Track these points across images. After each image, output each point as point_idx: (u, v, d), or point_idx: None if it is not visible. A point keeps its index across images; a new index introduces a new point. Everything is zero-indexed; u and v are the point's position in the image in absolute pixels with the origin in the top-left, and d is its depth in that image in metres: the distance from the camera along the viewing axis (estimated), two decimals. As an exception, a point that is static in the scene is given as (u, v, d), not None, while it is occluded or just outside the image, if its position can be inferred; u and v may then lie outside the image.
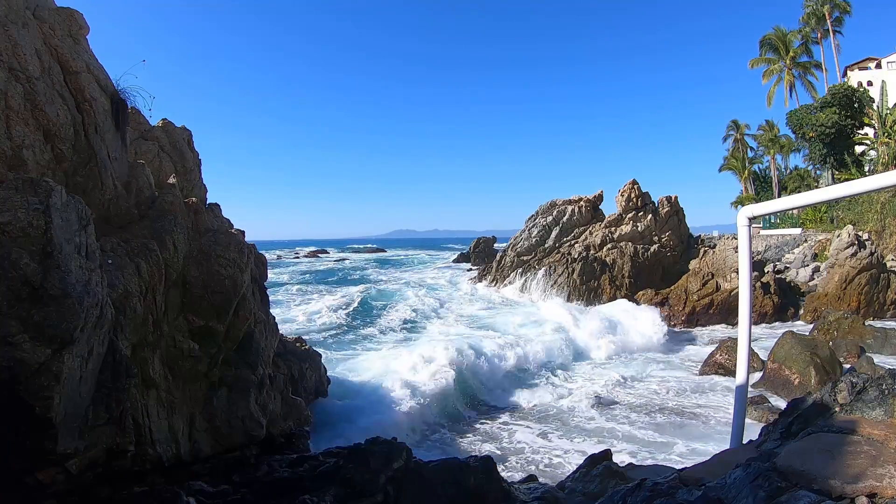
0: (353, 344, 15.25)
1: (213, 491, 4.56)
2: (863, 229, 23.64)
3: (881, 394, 2.50)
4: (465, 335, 15.41)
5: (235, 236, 6.30)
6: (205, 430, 5.67)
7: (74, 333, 3.15)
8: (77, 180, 4.51)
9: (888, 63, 46.71)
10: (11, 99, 3.82)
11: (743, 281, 3.71)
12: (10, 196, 3.09)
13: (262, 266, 8.58)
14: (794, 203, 3.99)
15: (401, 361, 11.49)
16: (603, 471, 4.30)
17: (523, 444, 8.24)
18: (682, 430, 8.67)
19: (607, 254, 24.55)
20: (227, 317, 5.90)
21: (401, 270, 40.71)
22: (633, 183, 26.52)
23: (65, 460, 3.29)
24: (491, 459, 4.70)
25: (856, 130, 33.86)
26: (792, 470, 2.12)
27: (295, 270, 42.86)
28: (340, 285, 30.86)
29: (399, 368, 11.03)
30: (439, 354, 11.64)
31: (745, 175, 45.34)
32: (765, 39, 41.37)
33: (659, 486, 2.65)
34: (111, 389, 3.80)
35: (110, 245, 4.58)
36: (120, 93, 5.37)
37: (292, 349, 10.27)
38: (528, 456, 7.84)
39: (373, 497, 4.33)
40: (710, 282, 22.30)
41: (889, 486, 1.87)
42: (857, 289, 19.82)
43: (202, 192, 8.05)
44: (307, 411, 8.10)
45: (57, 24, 4.62)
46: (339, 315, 19.78)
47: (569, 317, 17.69)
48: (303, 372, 9.91)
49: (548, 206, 27.92)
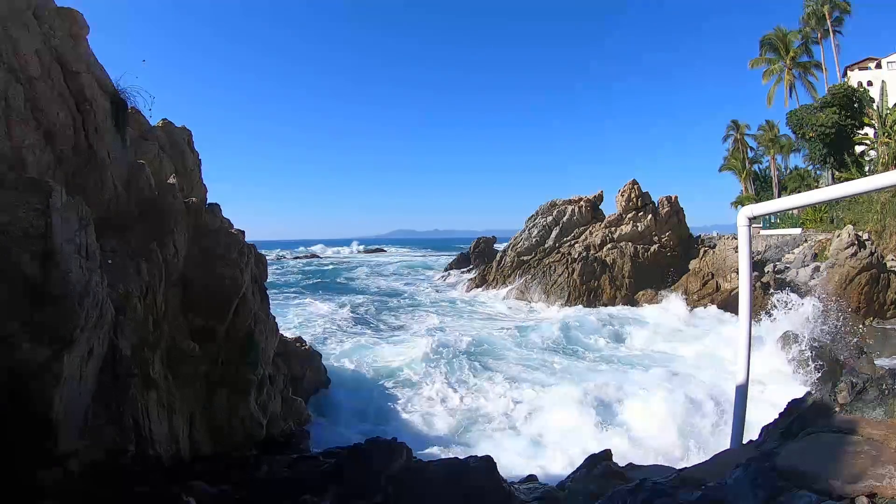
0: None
1: (213, 491, 4.56)
2: (863, 229, 23.63)
3: (881, 394, 2.50)
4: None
5: (235, 236, 6.30)
6: (205, 430, 5.67)
7: (74, 333, 3.15)
8: (77, 181, 4.52)
9: (888, 63, 46.71)
10: (12, 99, 3.83)
11: (743, 281, 3.71)
12: (11, 196, 3.09)
13: (262, 266, 8.58)
14: (794, 203, 3.99)
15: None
16: (603, 471, 4.30)
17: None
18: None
19: (607, 254, 24.56)
20: (227, 317, 5.90)
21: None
22: (633, 183, 26.53)
23: (65, 460, 3.29)
24: (491, 459, 4.70)
25: (856, 130, 33.86)
26: (792, 470, 2.12)
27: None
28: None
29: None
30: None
31: (745, 175, 45.35)
32: (765, 39, 41.38)
33: (659, 486, 2.65)
34: (111, 389, 3.80)
35: (110, 245, 4.58)
36: (120, 93, 5.38)
37: (292, 349, 10.27)
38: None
39: (373, 497, 4.33)
40: (710, 282, 22.32)
41: (889, 486, 1.87)
42: (857, 289, 19.81)
43: (202, 192, 8.06)
44: (307, 411, 8.11)
45: (57, 24, 4.63)
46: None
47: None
48: (303, 372, 9.92)
49: (548, 207, 27.93)
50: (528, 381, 11.41)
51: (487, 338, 15.52)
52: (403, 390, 10.88)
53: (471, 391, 10.88)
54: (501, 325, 18.38)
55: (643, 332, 16.81)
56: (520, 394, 10.54)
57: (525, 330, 16.85)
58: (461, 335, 15.10)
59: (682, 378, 10.95)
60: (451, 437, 8.34)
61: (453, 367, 12.46)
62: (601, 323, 17.91)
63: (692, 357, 13.75)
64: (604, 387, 10.12)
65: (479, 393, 10.73)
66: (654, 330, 17.19)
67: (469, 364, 12.58)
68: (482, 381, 11.52)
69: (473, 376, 11.79)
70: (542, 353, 14.30)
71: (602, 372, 12.27)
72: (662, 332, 16.88)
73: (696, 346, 14.70)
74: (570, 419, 8.70)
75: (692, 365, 12.79)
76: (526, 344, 15.19)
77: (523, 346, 15.01)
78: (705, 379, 10.74)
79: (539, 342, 15.30)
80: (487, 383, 11.37)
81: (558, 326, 16.59)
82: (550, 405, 9.46)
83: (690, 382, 10.46)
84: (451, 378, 11.68)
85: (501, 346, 14.73)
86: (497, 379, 11.63)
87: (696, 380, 10.73)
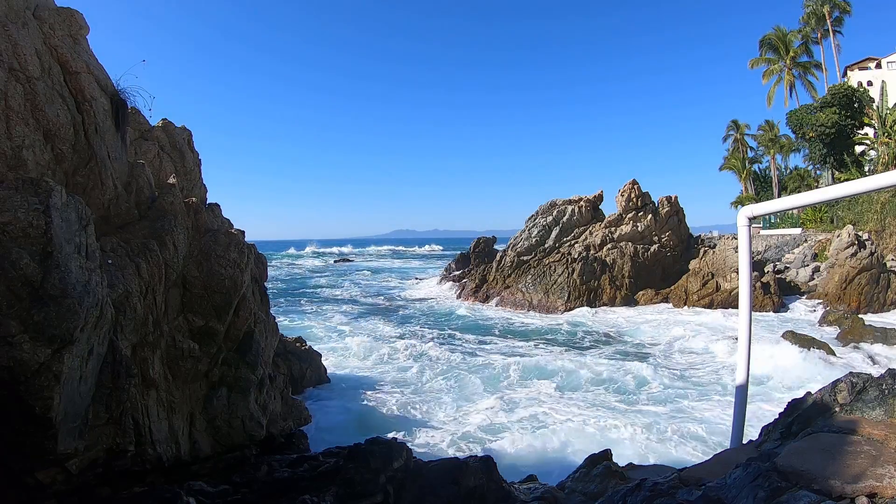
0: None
1: (213, 491, 4.56)
2: (863, 229, 23.64)
3: (881, 394, 2.50)
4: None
5: (235, 236, 6.30)
6: (205, 430, 5.67)
7: (74, 333, 3.15)
8: (77, 180, 4.51)
9: (888, 63, 46.71)
10: (11, 99, 3.82)
11: (743, 281, 3.70)
12: (10, 196, 3.09)
13: (262, 266, 8.59)
14: (794, 203, 3.98)
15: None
16: (603, 471, 4.29)
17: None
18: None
19: (607, 254, 24.56)
20: (227, 317, 5.90)
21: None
22: (633, 183, 26.53)
23: (65, 460, 3.29)
24: (491, 459, 4.70)
25: (856, 130, 33.88)
26: (792, 470, 2.12)
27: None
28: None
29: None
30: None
31: (745, 175, 45.36)
32: (765, 39, 41.40)
33: (659, 486, 2.65)
34: (111, 389, 3.80)
35: (110, 245, 4.58)
36: (120, 93, 5.37)
37: (292, 349, 10.28)
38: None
39: (373, 497, 4.33)
40: (710, 282, 22.33)
41: (889, 486, 1.87)
42: (858, 289, 19.84)
43: (202, 192, 8.06)
44: (307, 411, 8.11)
45: (57, 24, 4.62)
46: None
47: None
48: (303, 372, 9.93)
49: (548, 206, 27.93)
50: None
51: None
52: (404, 390, 10.89)
53: (470, 392, 10.89)
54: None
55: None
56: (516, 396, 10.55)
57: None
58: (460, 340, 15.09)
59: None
60: (451, 437, 8.34)
61: (453, 368, 12.48)
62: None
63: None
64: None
65: (477, 393, 10.75)
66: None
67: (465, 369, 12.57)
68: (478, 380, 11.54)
69: (466, 377, 11.81)
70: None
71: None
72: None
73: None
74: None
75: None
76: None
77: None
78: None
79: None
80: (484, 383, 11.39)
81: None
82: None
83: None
84: (451, 379, 11.70)
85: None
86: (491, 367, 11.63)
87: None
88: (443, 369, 12.41)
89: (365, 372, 12.29)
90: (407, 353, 14.17)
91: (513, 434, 8.37)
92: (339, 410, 9.62)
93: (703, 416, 9.09)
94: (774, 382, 10.93)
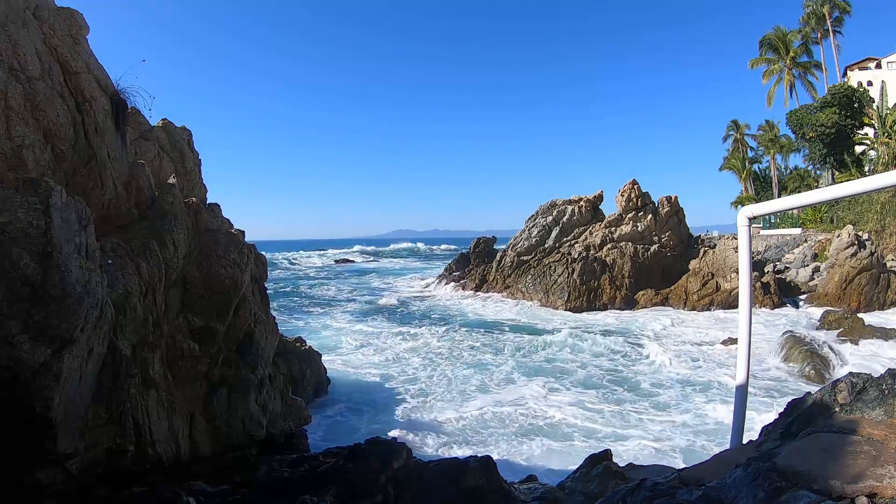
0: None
1: (213, 491, 4.56)
2: (863, 229, 23.64)
3: (881, 394, 2.50)
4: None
5: (235, 236, 6.30)
6: (205, 430, 5.67)
7: (74, 333, 3.15)
8: (77, 180, 4.51)
9: (888, 63, 46.71)
10: (11, 99, 3.82)
11: (743, 281, 3.70)
12: (10, 196, 3.09)
13: (262, 266, 8.59)
14: (794, 203, 3.98)
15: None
16: (603, 471, 4.29)
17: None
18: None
19: (607, 254, 24.56)
20: (227, 317, 5.90)
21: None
22: (633, 183, 26.53)
23: (65, 460, 3.29)
24: (491, 459, 4.70)
25: (856, 130, 33.89)
26: (792, 470, 2.12)
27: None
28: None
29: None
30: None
31: (745, 175, 45.36)
32: (765, 39, 41.40)
33: (659, 486, 2.65)
34: (111, 389, 3.80)
35: (110, 245, 4.58)
36: (120, 93, 5.37)
37: (292, 349, 10.28)
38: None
39: (373, 497, 4.33)
40: (710, 282, 22.33)
41: (889, 486, 1.87)
42: (857, 289, 19.83)
43: (202, 192, 8.06)
44: (307, 411, 8.10)
45: (57, 24, 4.62)
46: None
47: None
48: (303, 372, 9.92)
49: (548, 207, 27.92)
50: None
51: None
52: (404, 390, 10.89)
53: (470, 391, 10.90)
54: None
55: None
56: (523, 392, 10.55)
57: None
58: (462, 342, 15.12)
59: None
60: (451, 437, 8.34)
61: (453, 368, 12.49)
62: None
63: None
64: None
65: (477, 392, 10.75)
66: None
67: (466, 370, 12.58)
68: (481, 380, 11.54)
69: (473, 377, 11.81)
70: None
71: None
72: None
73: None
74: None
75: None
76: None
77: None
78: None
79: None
80: (486, 382, 11.39)
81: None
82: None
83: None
84: (451, 379, 11.71)
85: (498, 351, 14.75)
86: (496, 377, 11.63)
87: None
88: (443, 369, 12.44)
89: (365, 372, 12.30)
90: (407, 353, 14.21)
91: (513, 434, 8.38)
92: (339, 410, 9.63)
93: (703, 416, 9.12)
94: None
